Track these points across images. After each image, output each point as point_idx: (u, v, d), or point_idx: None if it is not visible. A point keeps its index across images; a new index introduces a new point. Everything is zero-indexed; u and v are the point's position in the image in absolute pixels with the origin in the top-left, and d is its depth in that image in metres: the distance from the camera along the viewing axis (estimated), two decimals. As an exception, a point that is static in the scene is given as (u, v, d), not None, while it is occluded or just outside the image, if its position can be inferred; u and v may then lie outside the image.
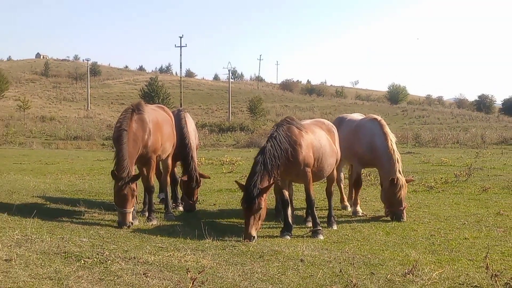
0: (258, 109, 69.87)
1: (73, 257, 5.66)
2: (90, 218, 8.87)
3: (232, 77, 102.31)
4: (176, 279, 5.16)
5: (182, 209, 10.60)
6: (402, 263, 6.44)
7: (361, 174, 10.85)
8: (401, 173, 9.60)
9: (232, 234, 7.72)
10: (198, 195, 10.82)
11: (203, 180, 10.86)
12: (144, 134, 8.65)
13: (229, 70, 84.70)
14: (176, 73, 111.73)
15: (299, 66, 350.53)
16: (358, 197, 10.52)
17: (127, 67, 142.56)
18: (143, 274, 5.23)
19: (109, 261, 5.60)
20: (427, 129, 56.08)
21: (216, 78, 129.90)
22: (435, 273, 5.72)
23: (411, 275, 5.68)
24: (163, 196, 10.73)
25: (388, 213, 9.70)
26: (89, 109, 75.47)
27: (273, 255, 6.48)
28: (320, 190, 11.91)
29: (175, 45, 73.29)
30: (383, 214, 9.90)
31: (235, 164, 20.03)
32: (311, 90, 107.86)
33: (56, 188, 12.89)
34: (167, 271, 5.48)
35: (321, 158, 8.52)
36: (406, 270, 5.83)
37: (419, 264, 6.05)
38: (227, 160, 21.67)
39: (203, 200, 11.57)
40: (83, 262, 5.48)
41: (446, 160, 21.42)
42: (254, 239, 7.43)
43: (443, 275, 5.80)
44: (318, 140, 8.56)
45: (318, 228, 8.32)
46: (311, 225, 8.68)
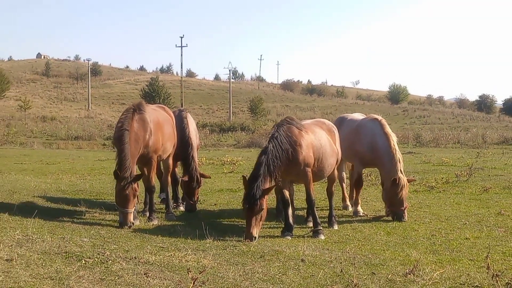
0: (259, 109, 69.89)
1: (74, 257, 5.65)
2: (91, 218, 8.86)
3: (233, 77, 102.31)
4: (177, 279, 5.16)
5: (183, 209, 10.61)
6: (403, 263, 6.44)
7: (362, 174, 10.86)
8: (403, 173, 9.61)
9: (233, 234, 7.72)
10: (199, 195, 10.83)
11: (204, 180, 10.87)
12: (145, 134, 8.64)
13: (230, 70, 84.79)
14: (177, 73, 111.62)
15: (300, 66, 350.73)
16: (359, 197, 10.51)
17: (128, 67, 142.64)
18: (144, 274, 5.23)
19: (110, 261, 5.59)
20: (428, 129, 56.01)
21: (217, 78, 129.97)
22: (436, 273, 5.73)
23: (412, 275, 5.69)
24: (164, 196, 10.74)
25: (389, 213, 9.70)
26: (90, 109, 75.49)
27: (274, 255, 6.47)
28: (321, 190, 11.90)
29: (176, 45, 73.49)
30: (384, 214, 9.90)
31: (236, 164, 20.02)
32: (311, 90, 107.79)
33: (57, 188, 12.90)
34: (168, 271, 5.47)
35: (321, 158, 8.52)
36: (407, 270, 5.83)
37: (420, 264, 6.05)
38: (228, 160, 21.67)
39: (204, 200, 11.58)
40: (84, 262, 5.47)
41: (447, 160, 21.39)
42: (255, 239, 7.44)
43: (444, 275, 5.79)
44: (318, 140, 8.55)
45: (319, 228, 8.33)
46: (312, 225, 8.69)
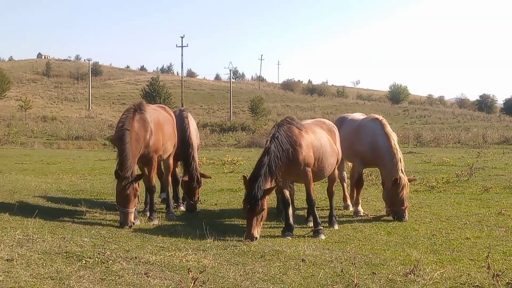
0: (259, 109, 69.89)
1: (74, 257, 5.66)
2: (91, 218, 8.86)
3: (234, 77, 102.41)
4: (178, 279, 5.17)
5: (184, 208, 10.61)
6: (403, 263, 6.44)
7: (363, 174, 10.85)
8: (404, 172, 9.61)
9: (233, 234, 7.71)
10: (200, 195, 10.84)
11: (204, 180, 10.87)
12: (146, 134, 8.64)
13: (230, 70, 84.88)
14: (178, 73, 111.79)
15: (300, 66, 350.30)
16: (359, 197, 10.51)
17: (128, 67, 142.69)
18: (145, 274, 5.24)
19: (111, 261, 5.60)
20: (428, 129, 55.96)
21: (217, 78, 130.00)
22: (437, 273, 5.73)
23: (412, 275, 5.69)
24: (164, 196, 10.75)
25: (389, 213, 9.70)
26: (90, 109, 75.53)
27: (274, 255, 6.48)
28: (322, 190, 11.91)
29: (176, 45, 73.46)
30: (384, 214, 9.90)
31: (237, 164, 20.03)
32: (312, 90, 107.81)
33: (57, 188, 12.90)
34: (168, 271, 5.48)
35: (321, 158, 8.51)
36: (408, 270, 5.84)
37: (420, 264, 6.05)
38: (229, 160, 21.67)
39: (204, 200, 11.58)
40: (84, 262, 5.48)
41: (447, 160, 21.35)
42: (256, 239, 7.44)
43: (444, 275, 5.80)
44: (319, 140, 8.55)
45: (319, 227, 8.32)
46: (312, 225, 8.69)
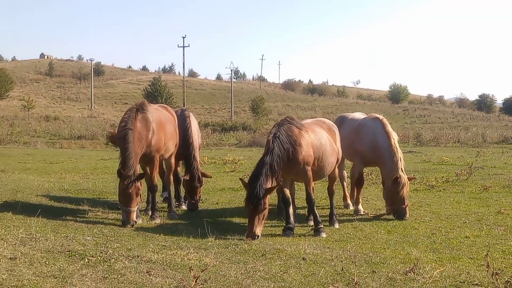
0: (260, 108, 69.87)
1: (77, 255, 5.69)
2: (93, 217, 8.89)
3: (235, 77, 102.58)
4: (179, 277, 5.19)
5: (185, 207, 10.65)
6: (403, 262, 6.47)
7: (363, 173, 10.88)
8: (404, 171, 9.63)
9: (234, 233, 7.74)
10: (201, 194, 10.89)
11: (206, 179, 10.91)
12: (148, 133, 8.68)
13: (231, 70, 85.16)
14: (179, 73, 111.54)
15: (301, 66, 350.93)
16: (359, 196, 10.54)
17: (130, 67, 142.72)
18: (147, 273, 5.27)
19: (113, 260, 5.63)
20: (428, 128, 55.84)
21: (218, 78, 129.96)
22: (436, 272, 5.75)
23: (412, 273, 5.72)
24: (166, 195, 10.79)
25: (390, 212, 9.72)
26: (93, 108, 75.63)
27: (275, 254, 6.51)
28: (322, 189, 11.94)
29: (178, 45, 73.33)
30: (384, 213, 9.91)
31: (238, 163, 20.06)
32: (313, 89, 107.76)
33: (60, 187, 12.92)
34: (170, 270, 5.51)
35: (321, 157, 8.54)
36: (408, 269, 5.87)
37: (420, 262, 6.09)
38: (230, 159, 21.68)
39: (206, 199, 11.61)
40: (87, 261, 5.51)
41: (447, 159, 21.34)
42: (258, 238, 7.48)
43: (444, 273, 5.82)
44: (319, 139, 8.58)
45: (320, 226, 8.35)
46: (313, 224, 8.71)
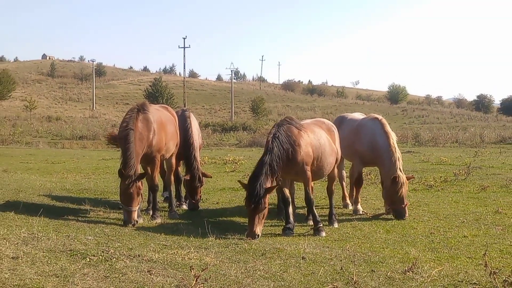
0: (260, 109, 69.84)
1: (78, 255, 5.72)
2: (95, 216, 8.92)
3: (235, 77, 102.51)
4: (180, 276, 5.22)
5: (186, 207, 10.70)
6: (402, 261, 6.52)
7: (362, 173, 10.92)
8: (402, 171, 9.67)
9: (234, 232, 7.77)
10: (202, 193, 10.93)
11: (206, 179, 10.96)
12: (149, 134, 8.73)
13: (231, 70, 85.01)
14: (180, 73, 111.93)
15: (301, 67, 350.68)
16: (359, 195, 10.57)
17: (131, 67, 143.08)
18: (148, 272, 5.30)
19: (114, 259, 5.65)
20: (426, 128, 55.67)
21: (219, 78, 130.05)
22: (435, 271, 5.78)
23: (411, 272, 5.75)
24: (167, 195, 10.83)
25: (389, 211, 9.76)
26: (94, 109, 75.66)
27: (275, 253, 6.54)
28: (321, 189, 11.97)
29: (178, 46, 73.41)
30: (383, 212, 9.94)
31: (238, 163, 20.09)
32: (312, 90, 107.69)
33: (62, 187, 12.94)
34: (171, 269, 5.54)
35: (320, 157, 8.58)
36: (406, 268, 5.90)
37: (418, 261, 6.12)
38: (230, 159, 21.71)
39: (206, 199, 11.64)
40: (88, 260, 5.54)
41: (445, 159, 21.34)
42: (258, 237, 7.52)
43: (442, 272, 5.85)
44: (318, 140, 8.61)
45: (319, 226, 8.37)
46: (312, 223, 8.74)
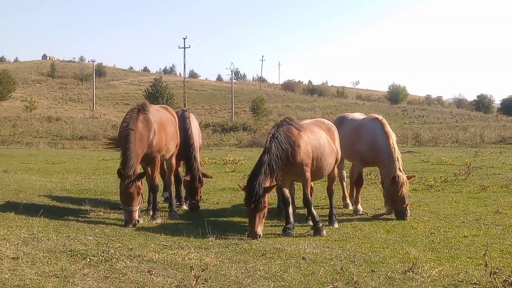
0: (260, 109, 69.86)
1: (78, 255, 5.72)
2: (95, 216, 8.94)
3: (235, 77, 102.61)
4: (180, 276, 5.23)
5: (186, 207, 10.71)
6: (402, 261, 6.52)
7: (362, 173, 10.92)
8: (402, 171, 9.68)
9: (235, 232, 7.79)
10: (202, 194, 10.94)
11: (206, 179, 10.96)
12: (149, 134, 8.74)
13: (232, 71, 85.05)
14: (180, 74, 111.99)
15: (301, 67, 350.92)
16: (359, 195, 10.58)
17: (131, 68, 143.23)
18: (148, 272, 5.30)
19: (114, 259, 5.66)
20: (426, 128, 55.66)
21: (219, 78, 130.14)
22: (435, 271, 5.79)
23: (411, 272, 5.76)
24: (167, 195, 10.84)
25: (390, 211, 9.77)
26: (94, 109, 75.69)
27: (275, 253, 6.55)
28: (321, 189, 11.98)
29: (178, 46, 73.35)
30: (383, 213, 9.96)
31: (238, 164, 20.10)
32: (312, 90, 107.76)
33: (62, 187, 12.96)
34: (171, 269, 5.55)
35: (320, 157, 8.58)
36: (406, 268, 5.91)
37: (419, 261, 6.12)
38: (230, 159, 21.73)
39: (206, 199, 11.65)
40: (88, 260, 5.55)
41: (445, 159, 21.34)
42: (259, 237, 7.53)
43: (442, 272, 5.86)
44: (317, 140, 8.61)
45: (319, 225, 8.36)
46: (312, 223, 8.74)
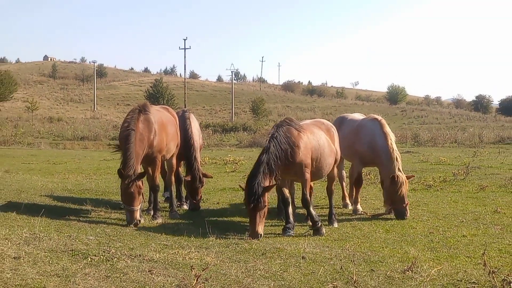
0: (260, 109, 69.82)
1: (80, 254, 5.75)
2: (96, 216, 8.96)
3: (235, 78, 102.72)
4: (181, 276, 5.25)
5: (187, 207, 10.74)
6: (401, 260, 6.54)
7: (362, 173, 10.95)
8: (401, 170, 9.71)
9: (235, 232, 7.80)
10: (202, 194, 10.97)
11: (206, 179, 10.99)
12: (150, 134, 8.77)
13: (232, 71, 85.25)
14: (181, 74, 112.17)
15: (301, 68, 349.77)
16: (358, 195, 10.60)
17: (132, 68, 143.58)
18: (149, 271, 5.33)
19: (115, 259, 5.69)
20: (425, 128, 55.57)
21: (219, 79, 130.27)
22: (434, 270, 5.80)
23: (410, 271, 5.78)
24: (168, 195, 10.87)
25: (389, 211, 9.80)
26: (95, 110, 75.69)
27: (275, 253, 6.58)
28: (321, 189, 12.01)
29: (179, 47, 73.76)
30: (383, 212, 9.98)
31: (238, 164, 20.13)
32: (312, 91, 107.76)
33: (63, 187, 12.99)
34: (171, 268, 5.57)
35: (319, 158, 8.60)
36: (406, 267, 5.92)
37: (418, 261, 6.14)
38: (230, 159, 21.76)
39: (207, 199, 11.67)
40: (89, 260, 5.57)
41: (444, 159, 21.35)
42: (260, 236, 7.56)
43: (441, 271, 5.88)
44: (317, 141, 8.63)
45: (318, 225, 8.35)
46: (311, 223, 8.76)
